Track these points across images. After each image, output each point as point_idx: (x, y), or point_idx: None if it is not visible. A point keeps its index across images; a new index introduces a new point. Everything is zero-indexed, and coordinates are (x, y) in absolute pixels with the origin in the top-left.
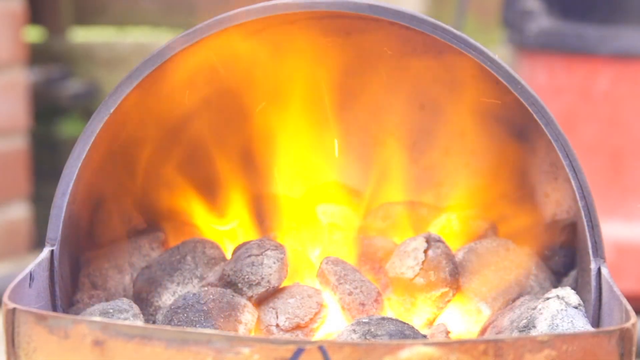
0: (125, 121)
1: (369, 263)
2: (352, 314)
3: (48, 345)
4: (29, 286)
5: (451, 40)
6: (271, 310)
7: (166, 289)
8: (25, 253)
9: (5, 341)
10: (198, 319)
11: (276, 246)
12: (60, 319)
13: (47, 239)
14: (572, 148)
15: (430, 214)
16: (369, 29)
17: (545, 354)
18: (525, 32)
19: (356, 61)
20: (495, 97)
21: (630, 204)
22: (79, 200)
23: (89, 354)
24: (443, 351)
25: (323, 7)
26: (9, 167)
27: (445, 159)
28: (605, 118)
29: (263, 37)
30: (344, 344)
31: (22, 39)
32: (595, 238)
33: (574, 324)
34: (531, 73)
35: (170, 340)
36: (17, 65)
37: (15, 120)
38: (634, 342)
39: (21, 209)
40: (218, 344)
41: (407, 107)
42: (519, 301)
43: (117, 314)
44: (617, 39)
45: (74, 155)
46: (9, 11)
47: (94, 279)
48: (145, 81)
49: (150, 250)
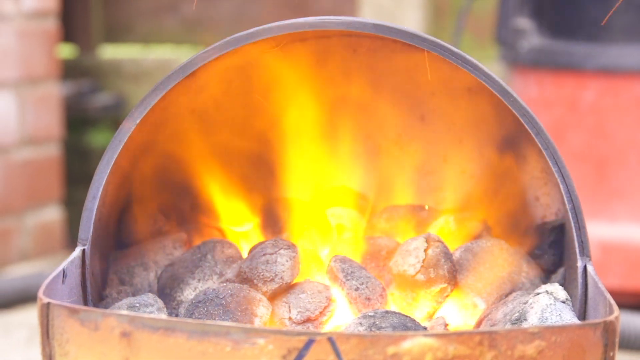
0: (150, 131)
1: (374, 261)
2: (358, 308)
3: (79, 337)
4: (62, 282)
5: (449, 56)
6: (284, 305)
7: (188, 284)
8: (58, 252)
9: (40, 332)
10: (217, 313)
11: (289, 245)
12: (91, 313)
13: (79, 239)
14: (560, 156)
15: (430, 216)
16: (374, 47)
17: (536, 344)
18: (518, 49)
19: (362, 76)
20: (489, 110)
21: (614, 207)
22: (108, 204)
23: (117, 344)
24: (442, 342)
25: (332, 26)
26: (43, 173)
27: (443, 166)
28: (591, 128)
29: (277, 53)
30: (351, 335)
31: (56, 56)
32: (582, 238)
33: (562, 317)
34: (523, 87)
35: (191, 332)
36: (51, 80)
37: (50, 130)
38: (617, 334)
39: (55, 211)
40: (236, 335)
41: (409, 118)
42: (511, 296)
43: (143, 307)
44: (602, 56)
45: (103, 162)
46: (44, 30)
47: (121, 275)
48: (168, 94)
49: (173, 249)
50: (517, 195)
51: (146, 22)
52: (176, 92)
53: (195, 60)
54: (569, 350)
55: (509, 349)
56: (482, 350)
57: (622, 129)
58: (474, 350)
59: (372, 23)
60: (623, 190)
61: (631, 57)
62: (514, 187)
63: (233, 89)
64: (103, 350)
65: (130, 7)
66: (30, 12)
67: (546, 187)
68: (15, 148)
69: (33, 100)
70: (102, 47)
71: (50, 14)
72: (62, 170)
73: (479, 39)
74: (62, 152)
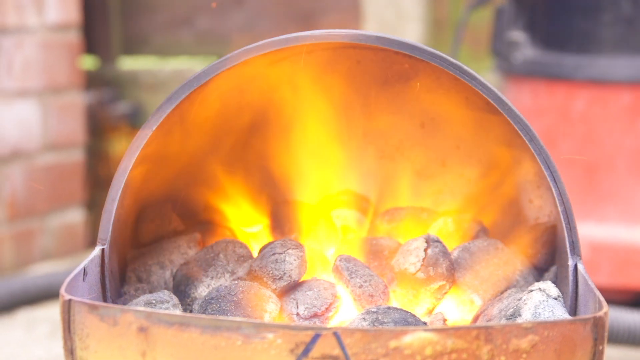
0: (166, 138)
1: (376, 260)
2: (362, 304)
3: (99, 331)
4: (83, 280)
5: (448, 67)
6: (292, 301)
7: (201, 282)
8: (80, 252)
9: (62, 327)
10: (229, 309)
11: (297, 245)
12: (110, 309)
13: (99, 239)
14: (552, 161)
15: (429, 217)
16: (377, 59)
17: (529, 338)
18: (512, 60)
19: (365, 85)
20: (486, 117)
21: (603, 209)
22: (126, 206)
23: (134, 339)
24: (441, 336)
25: (337, 38)
26: (67, 177)
27: (442, 170)
28: (581, 135)
29: (285, 65)
30: (355, 330)
31: (78, 67)
32: (573, 238)
33: (554, 312)
34: (517, 96)
35: (205, 327)
36: (74, 89)
37: (72, 136)
38: (606, 329)
39: (77, 213)
40: (246, 330)
41: (410, 126)
42: (506, 293)
43: (159, 304)
44: (591, 67)
45: (122, 166)
46: (66, 42)
47: (139, 273)
48: (182, 103)
49: (187, 249)
50: (512, 198)
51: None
52: (190, 100)
53: (208, 71)
54: (560, 344)
55: (504, 343)
56: (479, 344)
57: (610, 136)
58: (471, 344)
59: (375, 35)
60: (611, 193)
61: (618, 69)
62: (508, 190)
63: (244, 97)
64: (121, 344)
65: (147, 21)
66: (54, 25)
67: (539, 190)
68: (39, 153)
69: (56, 108)
70: (121, 59)
71: (72, 26)
72: (84, 174)
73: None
74: (84, 157)
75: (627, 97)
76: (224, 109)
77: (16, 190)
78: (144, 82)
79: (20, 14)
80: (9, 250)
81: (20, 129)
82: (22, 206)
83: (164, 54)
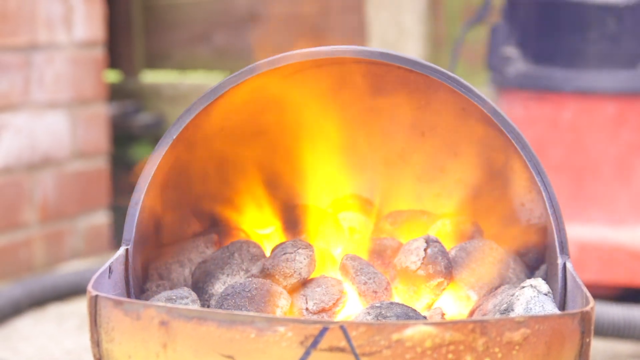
0: (185, 146)
1: (380, 259)
2: (366, 300)
3: (123, 325)
4: (109, 277)
5: (446, 80)
6: (302, 297)
7: (218, 279)
8: (106, 251)
9: (89, 321)
10: (243, 304)
11: (306, 245)
12: (133, 304)
13: (123, 240)
14: (543, 167)
15: (429, 219)
16: (381, 73)
17: (522, 331)
18: (505, 74)
19: (370, 97)
20: (481, 127)
21: (590, 211)
22: (148, 209)
23: (156, 332)
24: (439, 329)
25: (344, 54)
26: (93, 182)
27: (441, 175)
28: (569, 143)
29: (296, 78)
30: (360, 323)
31: (103, 80)
32: (562, 239)
33: (545, 307)
34: (510, 107)
35: (221, 321)
36: (99, 101)
37: (98, 145)
38: (592, 322)
39: (103, 216)
40: (259, 324)
41: (411, 134)
42: (500, 289)
43: (179, 299)
44: (579, 79)
45: (144, 173)
46: (93, 58)
47: (160, 271)
48: (201, 114)
49: (205, 248)
50: (505, 202)
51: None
52: (208, 112)
53: (224, 84)
54: (550, 337)
55: (498, 336)
56: (475, 336)
57: (596, 144)
58: (467, 337)
59: (379, 51)
60: (597, 197)
61: (604, 81)
62: (502, 195)
63: (257, 109)
64: (144, 337)
65: (168, 37)
66: (81, 42)
67: (530, 195)
68: (68, 161)
69: (83, 119)
70: (144, 73)
71: (98, 43)
72: (109, 180)
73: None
74: (109, 165)
75: (611, 108)
76: (239, 119)
77: (47, 194)
78: (166, 94)
79: (51, 32)
80: (40, 249)
81: (51, 138)
82: (53, 209)
83: (184, 69)
